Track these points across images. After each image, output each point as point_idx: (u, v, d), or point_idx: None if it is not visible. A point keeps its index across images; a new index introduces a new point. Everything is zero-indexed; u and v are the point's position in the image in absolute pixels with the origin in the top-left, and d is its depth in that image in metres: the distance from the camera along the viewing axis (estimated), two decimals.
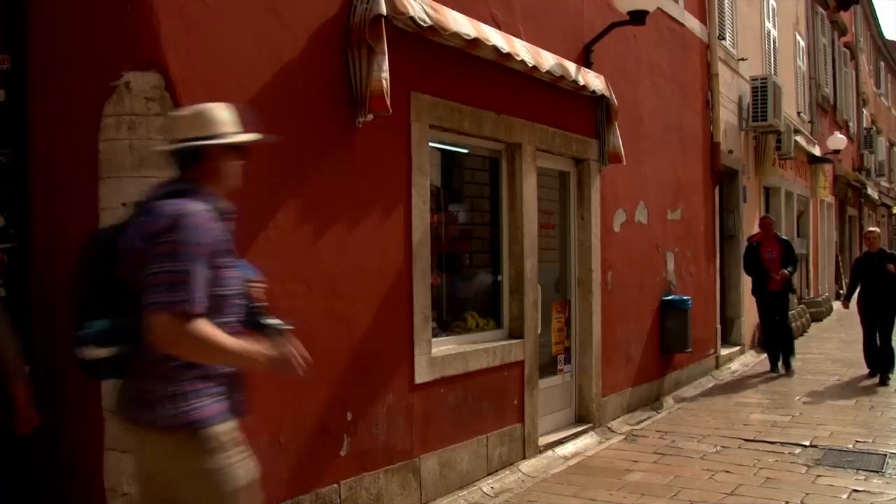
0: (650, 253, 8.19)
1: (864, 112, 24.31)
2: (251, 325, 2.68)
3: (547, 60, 5.88)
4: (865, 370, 9.61)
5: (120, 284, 2.47)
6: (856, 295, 9.65)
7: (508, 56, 5.36)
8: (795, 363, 10.06)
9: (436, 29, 4.68)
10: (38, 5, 3.75)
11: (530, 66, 5.60)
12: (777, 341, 10.07)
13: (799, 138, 14.26)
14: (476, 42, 5.01)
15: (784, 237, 10.60)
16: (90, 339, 2.45)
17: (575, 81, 6.24)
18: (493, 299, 6.09)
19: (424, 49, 4.90)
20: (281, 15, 4.03)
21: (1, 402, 3.44)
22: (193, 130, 2.58)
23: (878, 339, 9.39)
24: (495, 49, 5.20)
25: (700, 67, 9.82)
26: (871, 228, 10.18)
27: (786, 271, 9.73)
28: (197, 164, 2.59)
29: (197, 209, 2.44)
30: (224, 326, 2.45)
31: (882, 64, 29.46)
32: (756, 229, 12.45)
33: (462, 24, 4.90)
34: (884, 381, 9.13)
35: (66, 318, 3.65)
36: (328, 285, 4.29)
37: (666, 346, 8.39)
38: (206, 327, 2.35)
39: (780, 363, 10.03)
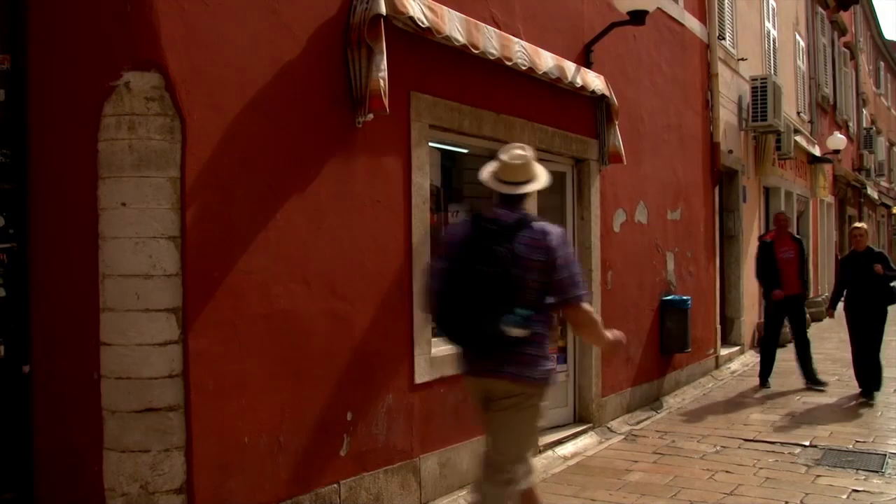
0: (650, 253, 8.19)
1: (864, 112, 24.32)
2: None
3: (545, 61, 5.87)
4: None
5: (518, 281, 3.41)
6: (842, 300, 8.81)
7: (502, 59, 5.35)
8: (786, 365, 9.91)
9: (432, 31, 4.68)
10: (38, 5, 3.75)
11: (524, 68, 5.60)
12: (771, 350, 9.21)
13: (799, 138, 14.26)
14: (469, 47, 5.01)
15: (798, 236, 9.93)
16: (516, 322, 3.37)
17: (575, 81, 6.24)
18: None
19: (424, 49, 4.90)
20: (281, 15, 4.03)
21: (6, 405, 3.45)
22: (526, 175, 3.67)
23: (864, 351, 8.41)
24: (486, 54, 5.19)
25: (700, 67, 9.82)
26: (858, 225, 8.96)
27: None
28: (524, 197, 3.67)
29: (561, 229, 3.62)
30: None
31: (882, 64, 29.48)
32: (755, 229, 12.45)
33: (457, 27, 4.89)
34: (869, 397, 8.24)
35: (64, 318, 3.67)
36: (328, 285, 4.29)
37: (666, 346, 8.38)
38: (592, 310, 3.62)
39: (789, 376, 9.06)
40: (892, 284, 8.27)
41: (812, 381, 9.06)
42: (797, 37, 15.66)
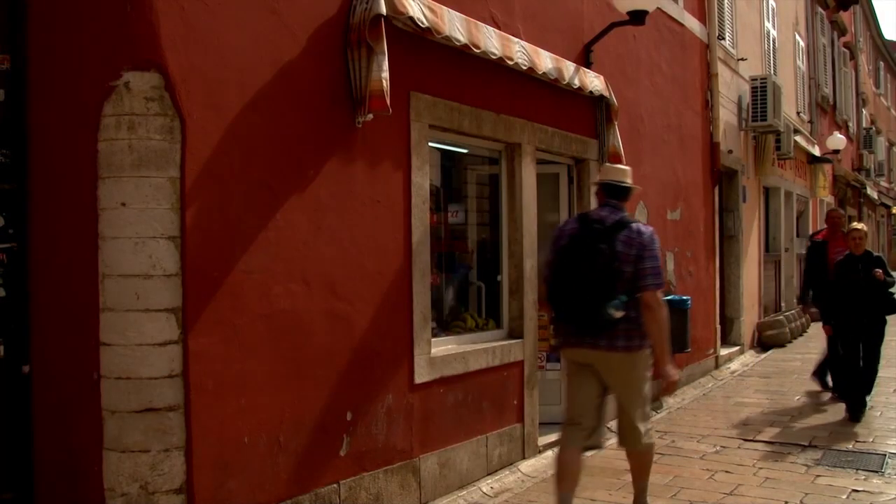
0: None
1: (864, 112, 24.33)
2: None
3: (545, 62, 5.87)
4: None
5: (618, 273, 4.19)
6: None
7: (503, 59, 5.36)
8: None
9: (432, 31, 4.68)
10: (38, 5, 3.75)
11: (524, 68, 5.60)
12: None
13: (798, 138, 14.26)
14: (469, 46, 5.01)
15: None
16: (617, 306, 4.16)
17: (573, 82, 6.24)
18: (493, 299, 6.09)
19: (424, 49, 4.90)
20: (281, 15, 4.03)
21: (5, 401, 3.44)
22: (626, 178, 4.59)
23: (860, 362, 7.62)
24: (487, 53, 5.20)
25: (700, 67, 9.82)
26: (857, 226, 7.94)
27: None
28: (624, 198, 4.53)
29: (651, 230, 4.39)
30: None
31: (881, 64, 29.51)
32: (755, 229, 12.44)
33: (457, 27, 4.89)
34: (861, 404, 7.63)
35: (64, 318, 3.67)
36: (328, 285, 4.29)
37: None
38: (662, 300, 4.31)
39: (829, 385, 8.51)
40: (891, 291, 7.61)
41: (821, 383, 8.75)
42: (797, 37, 15.66)
